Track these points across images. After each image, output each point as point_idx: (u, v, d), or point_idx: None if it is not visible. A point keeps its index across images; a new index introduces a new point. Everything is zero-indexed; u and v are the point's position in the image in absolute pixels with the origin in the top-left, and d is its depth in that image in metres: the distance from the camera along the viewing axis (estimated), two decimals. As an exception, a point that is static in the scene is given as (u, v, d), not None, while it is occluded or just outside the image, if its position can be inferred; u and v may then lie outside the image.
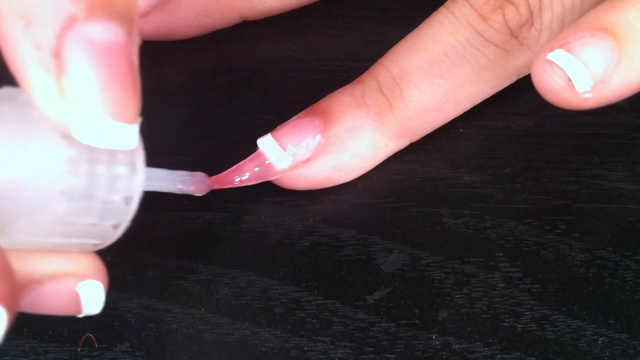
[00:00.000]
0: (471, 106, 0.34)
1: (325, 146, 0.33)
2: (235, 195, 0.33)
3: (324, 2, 0.39)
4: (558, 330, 0.31)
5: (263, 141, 0.33)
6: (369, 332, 0.31)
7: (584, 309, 0.31)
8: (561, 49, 0.27)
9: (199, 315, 0.31)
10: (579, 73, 0.27)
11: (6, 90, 0.24)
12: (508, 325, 0.31)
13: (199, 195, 0.30)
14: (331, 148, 0.33)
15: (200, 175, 0.30)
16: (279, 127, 0.33)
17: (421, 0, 0.35)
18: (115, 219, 0.25)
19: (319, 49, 0.38)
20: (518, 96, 0.36)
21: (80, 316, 0.27)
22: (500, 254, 0.32)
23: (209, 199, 0.31)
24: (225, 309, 0.31)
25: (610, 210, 0.33)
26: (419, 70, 0.33)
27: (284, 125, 0.33)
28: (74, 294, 0.26)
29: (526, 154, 0.35)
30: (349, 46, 0.38)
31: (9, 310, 0.22)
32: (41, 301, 0.26)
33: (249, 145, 0.33)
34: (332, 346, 0.30)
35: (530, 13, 0.32)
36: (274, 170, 0.32)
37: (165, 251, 0.32)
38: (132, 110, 0.23)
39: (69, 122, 0.22)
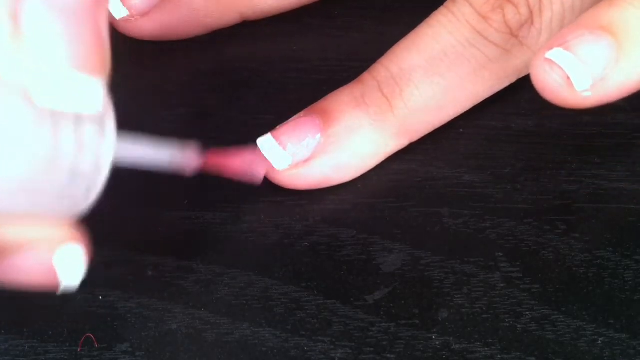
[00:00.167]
0: (471, 106, 0.34)
1: (325, 146, 0.33)
2: (235, 195, 0.33)
3: (324, 2, 0.39)
4: (558, 330, 0.31)
5: (263, 141, 0.33)
6: (369, 332, 0.31)
7: (584, 309, 0.31)
8: (560, 47, 0.27)
9: (199, 315, 0.31)
10: (578, 72, 0.27)
11: None
12: (508, 325, 0.31)
13: (188, 174, 0.27)
14: (331, 148, 0.33)
15: (190, 149, 0.27)
16: (278, 127, 0.33)
17: (421, 0, 0.35)
18: (85, 182, 0.24)
19: (319, 49, 0.38)
20: (518, 96, 0.36)
21: (59, 292, 0.25)
22: (500, 254, 0.32)
23: (209, 199, 0.31)
24: (225, 309, 0.31)
25: (610, 210, 0.33)
26: (418, 69, 0.33)
27: (283, 124, 0.33)
28: (48, 262, 0.24)
29: (526, 154, 0.35)
30: (349, 46, 0.38)
31: None
32: (12, 272, 0.24)
33: (249, 146, 0.33)
34: (332, 346, 0.30)
35: (530, 13, 0.32)
36: (270, 169, 0.32)
37: (165, 251, 0.32)
38: (96, 60, 0.21)
39: (27, 81, 0.21)
